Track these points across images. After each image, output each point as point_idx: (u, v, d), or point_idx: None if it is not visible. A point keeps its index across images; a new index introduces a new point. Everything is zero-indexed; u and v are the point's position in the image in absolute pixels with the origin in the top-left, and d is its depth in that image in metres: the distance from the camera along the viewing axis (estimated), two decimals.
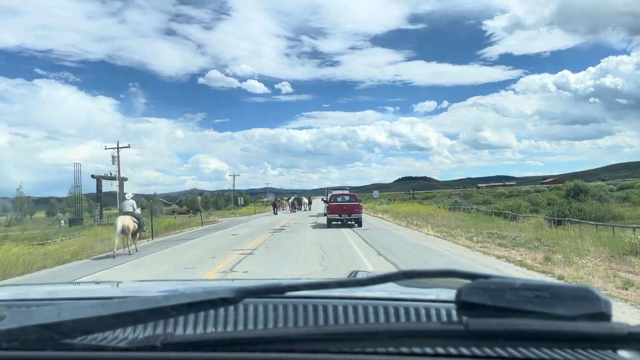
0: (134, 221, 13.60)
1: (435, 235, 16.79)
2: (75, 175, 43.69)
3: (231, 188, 70.99)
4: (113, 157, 36.67)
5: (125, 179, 51.96)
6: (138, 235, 14.61)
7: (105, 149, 36.94)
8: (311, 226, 23.91)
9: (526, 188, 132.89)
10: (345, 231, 19.45)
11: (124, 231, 13.30)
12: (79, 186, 45.08)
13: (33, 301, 1.17)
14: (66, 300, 1.22)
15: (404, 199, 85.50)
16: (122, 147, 36.75)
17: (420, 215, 30.94)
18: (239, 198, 75.19)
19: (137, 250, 14.28)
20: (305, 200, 51.90)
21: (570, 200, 44.78)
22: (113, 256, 13.00)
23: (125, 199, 14.69)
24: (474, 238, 15.14)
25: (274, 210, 44.04)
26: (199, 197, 34.22)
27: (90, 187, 49.71)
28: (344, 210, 21.85)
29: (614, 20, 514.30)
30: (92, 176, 44.02)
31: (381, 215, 33.72)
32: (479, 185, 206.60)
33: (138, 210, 14.57)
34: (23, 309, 0.93)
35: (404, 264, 10.29)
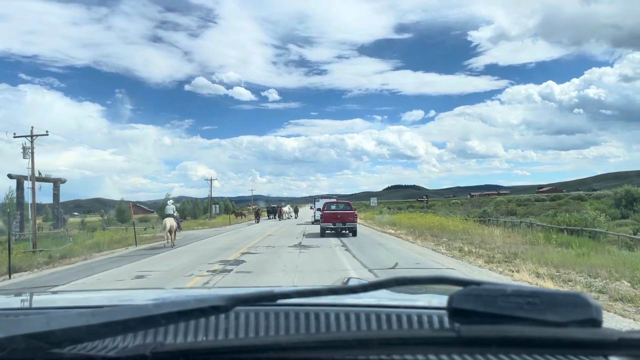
0: (175, 222, 18.81)
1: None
2: None
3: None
4: (25, 148, 26.53)
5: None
6: (177, 232, 19.47)
7: (15, 137, 26.74)
8: (291, 253, 14.43)
9: (526, 197, 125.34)
10: (355, 273, 9.99)
11: (170, 230, 18.23)
12: None
13: (21, 310, 1.12)
14: (55, 309, 1.18)
15: (400, 208, 76.89)
16: (37, 135, 26.74)
17: (448, 230, 21.59)
18: (214, 206, 65.90)
19: (174, 244, 18.35)
20: (286, 209, 49.80)
21: (622, 209, 36.31)
22: (163, 246, 18.35)
23: (167, 204, 19.85)
24: None
25: (256, 219, 42.99)
26: (130, 205, 24.15)
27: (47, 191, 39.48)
28: (338, 219, 20.70)
29: (597, 33, 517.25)
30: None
31: (392, 231, 24.22)
32: (472, 194, 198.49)
33: (176, 214, 20.36)
34: (11, 318, 0.87)
35: None
